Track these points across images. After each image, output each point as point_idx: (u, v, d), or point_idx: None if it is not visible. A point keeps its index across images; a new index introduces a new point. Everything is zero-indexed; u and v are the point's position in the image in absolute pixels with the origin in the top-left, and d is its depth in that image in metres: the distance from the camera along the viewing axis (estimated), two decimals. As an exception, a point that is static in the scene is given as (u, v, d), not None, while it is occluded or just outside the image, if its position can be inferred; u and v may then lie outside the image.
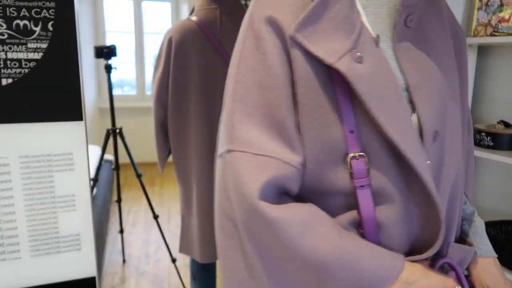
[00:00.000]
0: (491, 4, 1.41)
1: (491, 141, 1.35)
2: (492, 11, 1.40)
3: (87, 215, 1.64)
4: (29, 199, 1.54)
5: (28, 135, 1.51)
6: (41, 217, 1.57)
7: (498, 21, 1.38)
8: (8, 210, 1.51)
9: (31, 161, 1.52)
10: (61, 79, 1.49)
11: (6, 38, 1.42)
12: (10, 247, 1.55)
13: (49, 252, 1.61)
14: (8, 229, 1.53)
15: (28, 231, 1.56)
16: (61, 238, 1.61)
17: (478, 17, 1.46)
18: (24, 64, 1.44)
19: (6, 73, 1.43)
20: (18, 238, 1.54)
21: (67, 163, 1.58)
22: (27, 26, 1.43)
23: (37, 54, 1.46)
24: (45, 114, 1.51)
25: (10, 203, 1.51)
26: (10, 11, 1.39)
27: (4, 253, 1.54)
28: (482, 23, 1.44)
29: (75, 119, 1.56)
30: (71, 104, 1.53)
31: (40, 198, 1.55)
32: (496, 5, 1.39)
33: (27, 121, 1.49)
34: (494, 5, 1.40)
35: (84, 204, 1.63)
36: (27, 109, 1.48)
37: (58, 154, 1.56)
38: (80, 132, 1.58)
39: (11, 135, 1.48)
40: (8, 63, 1.42)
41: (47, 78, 1.48)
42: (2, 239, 1.52)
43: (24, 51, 1.44)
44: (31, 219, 1.56)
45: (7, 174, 1.50)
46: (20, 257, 1.56)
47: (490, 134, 1.36)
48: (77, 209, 1.61)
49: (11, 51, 1.43)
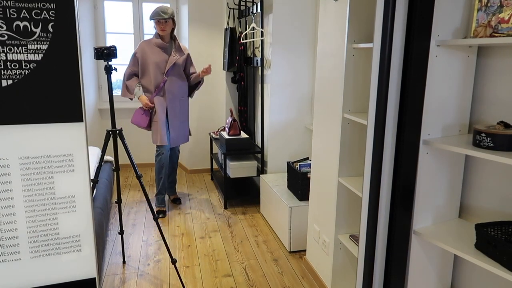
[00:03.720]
0: (491, 5, 1.41)
1: (491, 142, 1.35)
2: (492, 12, 1.40)
3: (87, 216, 1.64)
4: (29, 200, 1.54)
5: (28, 136, 1.52)
6: (41, 218, 1.57)
7: (498, 22, 1.38)
8: (8, 211, 1.51)
9: (31, 162, 1.52)
10: (61, 80, 1.49)
11: (6, 39, 1.42)
12: (10, 248, 1.55)
13: (49, 253, 1.61)
14: (8, 230, 1.53)
15: (28, 232, 1.56)
16: (61, 239, 1.61)
17: (478, 18, 1.46)
18: (24, 65, 1.44)
19: (6, 74, 1.43)
20: (18, 239, 1.54)
21: (67, 164, 1.58)
22: (27, 28, 1.44)
23: (37, 56, 1.46)
24: (45, 116, 1.51)
25: (10, 205, 1.51)
26: (10, 13, 1.39)
27: (4, 254, 1.54)
28: (482, 24, 1.44)
29: (75, 120, 1.56)
30: (71, 105, 1.54)
31: (40, 199, 1.56)
32: (496, 6, 1.39)
33: (27, 122, 1.49)
34: (494, 6, 1.40)
35: (84, 205, 1.63)
36: (27, 110, 1.48)
37: (58, 155, 1.56)
38: (80, 133, 1.58)
39: (11, 136, 1.48)
40: (8, 64, 1.42)
41: (47, 80, 1.48)
42: (2, 240, 1.52)
43: (24, 53, 1.44)
44: (31, 220, 1.56)
45: (7, 175, 1.50)
46: (20, 258, 1.56)
47: (490, 135, 1.36)
48: (77, 210, 1.61)
49: (11, 52, 1.43)
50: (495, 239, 1.36)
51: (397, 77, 1.49)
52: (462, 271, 1.73)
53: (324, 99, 2.26)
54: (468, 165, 1.67)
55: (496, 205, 1.56)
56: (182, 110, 3.51)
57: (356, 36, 1.97)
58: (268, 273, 2.59)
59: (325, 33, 2.20)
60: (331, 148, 2.19)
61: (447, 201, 1.67)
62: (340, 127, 2.07)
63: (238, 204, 3.77)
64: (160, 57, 3.30)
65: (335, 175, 2.15)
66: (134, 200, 3.87)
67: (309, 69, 3.51)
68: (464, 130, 1.63)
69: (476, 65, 1.60)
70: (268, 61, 3.52)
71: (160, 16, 3.22)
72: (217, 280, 2.51)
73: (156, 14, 3.22)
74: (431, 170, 1.59)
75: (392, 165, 1.56)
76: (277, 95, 3.49)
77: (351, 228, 2.22)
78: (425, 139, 1.54)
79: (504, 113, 1.50)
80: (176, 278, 2.52)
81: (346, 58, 1.98)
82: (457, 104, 1.59)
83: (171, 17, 3.28)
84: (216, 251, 2.87)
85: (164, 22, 3.26)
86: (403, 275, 1.65)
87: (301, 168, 2.92)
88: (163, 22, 3.26)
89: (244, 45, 4.01)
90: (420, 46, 1.46)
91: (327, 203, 2.27)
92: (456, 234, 1.57)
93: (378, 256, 1.63)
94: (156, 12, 3.22)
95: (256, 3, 3.54)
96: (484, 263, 1.34)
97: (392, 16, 1.43)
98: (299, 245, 2.87)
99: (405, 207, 1.58)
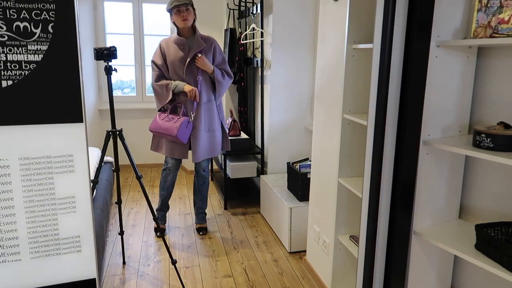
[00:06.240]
0: (491, 5, 1.41)
1: (491, 142, 1.35)
2: (492, 12, 1.41)
3: (87, 217, 1.64)
4: (29, 201, 1.54)
5: (28, 137, 1.52)
6: (41, 219, 1.57)
7: (498, 23, 1.39)
8: (8, 212, 1.51)
9: (31, 163, 1.52)
10: (61, 81, 1.49)
11: (6, 40, 1.42)
12: (10, 249, 1.54)
13: (49, 254, 1.61)
14: (8, 231, 1.53)
15: (28, 233, 1.56)
16: (61, 240, 1.61)
17: (478, 19, 1.46)
18: (24, 66, 1.44)
19: (6, 75, 1.43)
20: (18, 240, 1.54)
21: (67, 165, 1.58)
22: (27, 28, 1.44)
23: (37, 56, 1.46)
24: (45, 116, 1.51)
25: (10, 205, 1.51)
26: (10, 13, 1.39)
27: (4, 255, 1.54)
28: (482, 25, 1.44)
29: (75, 121, 1.56)
30: (71, 106, 1.54)
31: (40, 200, 1.55)
32: (496, 6, 1.39)
33: (27, 123, 1.49)
34: (493, 7, 1.40)
35: (84, 206, 1.63)
36: (27, 111, 1.48)
37: (58, 156, 1.56)
38: (80, 134, 1.58)
39: (11, 137, 1.48)
40: (8, 65, 1.42)
41: (47, 80, 1.48)
42: (2, 241, 1.52)
43: (24, 53, 1.44)
44: (31, 221, 1.56)
45: (7, 176, 1.50)
46: (20, 259, 1.56)
47: (490, 136, 1.36)
48: (77, 211, 1.61)
49: (11, 53, 1.43)
50: (495, 240, 1.36)
51: (397, 77, 1.49)
52: (462, 272, 1.73)
53: (324, 100, 2.26)
54: (468, 165, 1.67)
55: (496, 206, 1.56)
56: (210, 117, 2.91)
57: (356, 37, 1.97)
58: (268, 274, 2.59)
59: (325, 33, 2.20)
60: (331, 149, 2.19)
61: (447, 201, 1.67)
62: (340, 128, 2.07)
63: (238, 205, 3.77)
64: (177, 56, 2.80)
65: (335, 176, 2.15)
66: (134, 201, 3.87)
67: (309, 69, 3.51)
68: (464, 130, 1.63)
69: (476, 66, 1.60)
70: (268, 62, 3.52)
71: (180, 2, 2.68)
72: (217, 280, 2.50)
73: (174, 1, 2.70)
74: (431, 171, 1.59)
75: (392, 166, 1.56)
76: (277, 95, 3.49)
77: (351, 229, 2.22)
78: (425, 139, 1.54)
79: (504, 114, 1.50)
80: (176, 279, 2.52)
81: (346, 58, 1.98)
82: (457, 105, 1.59)
83: (191, 4, 2.76)
84: (216, 252, 2.87)
85: (185, 10, 2.72)
86: (403, 276, 1.64)
87: (301, 168, 2.92)
88: (183, 10, 2.71)
89: (244, 45, 4.01)
90: (420, 46, 1.46)
91: (327, 204, 2.27)
92: (456, 234, 1.57)
93: (378, 257, 1.63)
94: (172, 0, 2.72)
95: (256, 4, 3.55)
96: (484, 264, 1.34)
97: (392, 17, 1.43)
98: (299, 246, 2.87)
99: (405, 208, 1.58)
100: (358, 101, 2.05)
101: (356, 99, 2.05)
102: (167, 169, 3.02)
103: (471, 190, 1.66)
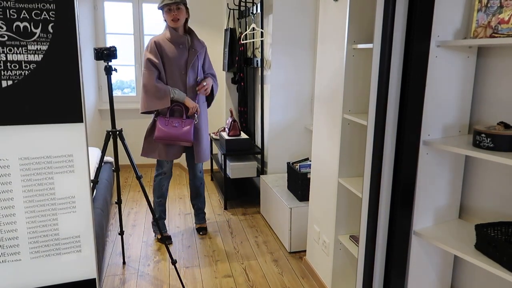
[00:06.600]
0: (491, 5, 1.41)
1: (491, 142, 1.35)
2: (492, 12, 1.41)
3: (87, 217, 1.64)
4: (29, 201, 1.54)
5: (28, 137, 1.52)
6: (41, 219, 1.57)
7: (498, 23, 1.39)
8: (8, 212, 1.51)
9: (31, 163, 1.52)
10: (61, 81, 1.49)
11: (6, 40, 1.42)
12: (10, 249, 1.54)
13: (49, 253, 1.61)
14: (8, 231, 1.53)
15: (28, 233, 1.56)
16: (61, 239, 1.61)
17: (478, 19, 1.46)
18: (24, 66, 1.44)
19: (6, 75, 1.43)
20: (18, 240, 1.54)
21: (67, 164, 1.58)
22: (27, 28, 1.44)
23: (37, 56, 1.46)
24: (45, 116, 1.51)
25: (10, 205, 1.51)
26: (10, 13, 1.39)
27: (4, 254, 1.54)
28: (482, 25, 1.44)
29: (75, 121, 1.56)
30: (71, 106, 1.54)
31: (40, 200, 1.55)
32: (496, 6, 1.39)
33: (27, 123, 1.49)
34: (493, 7, 1.40)
35: (84, 206, 1.63)
36: (27, 111, 1.48)
37: (58, 156, 1.56)
38: (80, 134, 1.58)
39: (11, 137, 1.48)
40: (8, 65, 1.42)
41: (47, 80, 1.48)
42: (2, 241, 1.52)
43: (24, 53, 1.44)
44: (31, 221, 1.56)
45: (7, 176, 1.50)
46: (20, 259, 1.56)
47: (490, 136, 1.36)
48: (77, 211, 1.61)
49: (11, 53, 1.43)
50: (495, 240, 1.36)
51: (397, 77, 1.49)
52: (462, 272, 1.73)
53: (324, 100, 2.26)
54: (468, 165, 1.67)
55: (496, 206, 1.56)
56: (205, 119, 2.95)
57: (356, 37, 1.97)
58: (268, 274, 2.59)
59: (325, 33, 2.20)
60: (331, 149, 2.19)
61: (447, 201, 1.67)
62: (340, 128, 2.07)
63: (238, 205, 3.77)
64: (176, 54, 2.71)
65: (335, 176, 2.15)
66: (134, 201, 3.87)
67: (309, 69, 3.51)
68: (464, 130, 1.63)
69: (476, 66, 1.60)
70: (268, 62, 3.52)
71: (171, 0, 2.61)
72: (217, 280, 2.50)
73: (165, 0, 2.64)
74: (431, 171, 1.59)
75: (392, 166, 1.56)
76: (277, 95, 3.49)
77: (351, 229, 2.22)
78: (425, 139, 1.54)
79: (504, 114, 1.50)
80: (176, 279, 2.52)
81: (346, 58, 1.98)
82: (457, 105, 1.59)
83: (184, 3, 2.69)
84: (216, 252, 2.87)
85: (176, 9, 2.66)
86: (403, 276, 1.65)
87: (301, 168, 2.92)
88: (174, 9, 2.66)
89: (244, 45, 4.01)
90: (420, 46, 1.46)
91: (327, 204, 2.27)
92: (456, 234, 1.57)
93: (378, 257, 1.63)
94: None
95: (256, 4, 3.55)
96: (484, 264, 1.34)
97: (392, 17, 1.43)
98: (299, 246, 2.87)
99: (405, 208, 1.58)
100: (358, 101, 2.05)
101: (356, 99, 2.05)
102: (163, 173, 2.90)
103: (471, 190, 1.66)
